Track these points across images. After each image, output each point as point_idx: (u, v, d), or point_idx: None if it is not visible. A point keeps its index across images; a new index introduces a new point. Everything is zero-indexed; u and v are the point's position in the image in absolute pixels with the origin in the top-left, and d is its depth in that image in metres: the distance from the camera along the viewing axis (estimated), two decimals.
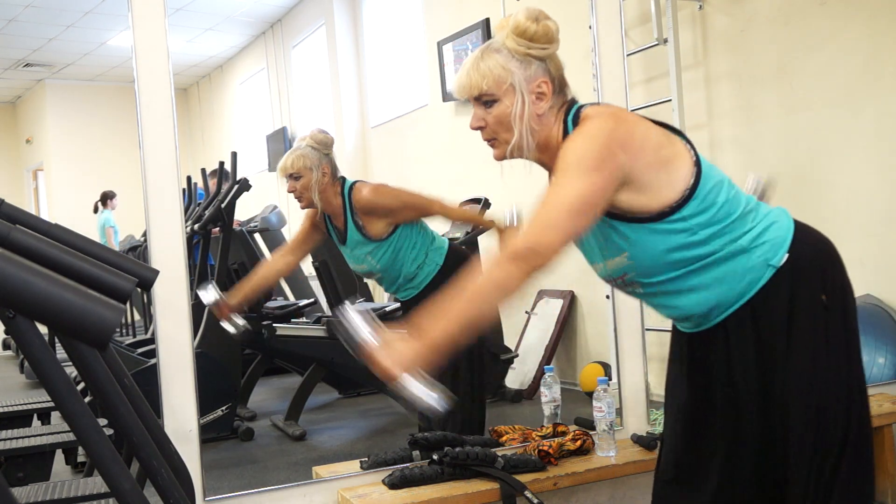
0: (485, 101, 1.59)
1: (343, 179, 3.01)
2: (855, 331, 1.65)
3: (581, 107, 1.62)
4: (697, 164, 1.58)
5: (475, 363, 3.02)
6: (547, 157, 1.62)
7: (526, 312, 5.03)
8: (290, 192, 3.03)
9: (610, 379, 3.11)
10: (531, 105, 1.57)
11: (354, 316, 1.51)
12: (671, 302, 1.66)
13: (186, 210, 4.92)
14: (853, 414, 1.60)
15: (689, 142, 1.62)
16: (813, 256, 1.62)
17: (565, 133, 1.59)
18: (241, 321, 2.96)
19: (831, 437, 1.58)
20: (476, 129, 1.63)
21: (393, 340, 1.48)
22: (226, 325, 2.95)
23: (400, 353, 1.46)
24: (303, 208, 3.06)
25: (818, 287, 1.60)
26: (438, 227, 3.20)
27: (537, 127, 1.59)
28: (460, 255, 3.15)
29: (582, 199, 1.48)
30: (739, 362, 1.64)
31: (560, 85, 1.62)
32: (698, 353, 1.71)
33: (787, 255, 1.59)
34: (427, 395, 1.45)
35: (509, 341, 4.81)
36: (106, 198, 8.57)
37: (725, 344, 1.65)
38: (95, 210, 8.62)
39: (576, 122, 1.58)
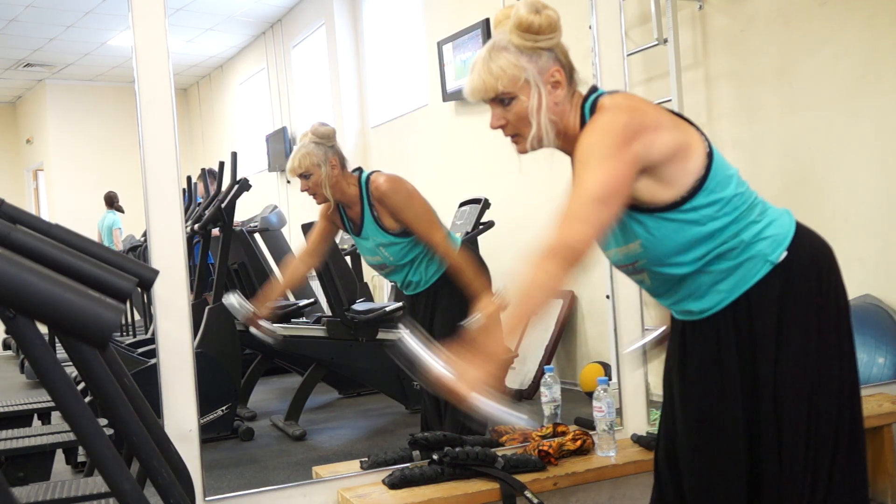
0: (501, 99, 1.60)
1: (360, 170, 3.00)
2: (848, 334, 1.66)
3: (599, 95, 1.63)
4: (710, 155, 1.60)
5: None
6: (566, 144, 1.64)
7: None
8: (303, 191, 3.02)
9: (610, 379, 3.11)
10: (548, 96, 1.58)
11: (414, 342, 1.51)
12: (674, 292, 1.68)
13: (186, 210, 4.92)
14: (844, 415, 1.63)
15: (702, 133, 1.64)
16: (811, 257, 1.64)
17: (582, 121, 1.61)
18: (274, 328, 2.99)
19: (823, 435, 1.61)
20: (497, 128, 1.64)
21: (457, 363, 1.46)
22: (261, 335, 2.96)
23: (468, 375, 1.43)
24: (319, 203, 3.04)
25: (813, 288, 1.63)
26: (444, 222, 3.18)
27: (556, 116, 1.60)
28: (473, 252, 3.16)
29: (605, 187, 1.49)
30: (729, 354, 1.66)
31: (570, 70, 1.64)
32: (691, 343, 1.74)
33: (785, 254, 1.61)
34: (503, 411, 1.43)
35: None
36: (112, 200, 8.54)
37: (717, 335, 1.67)
38: (110, 205, 8.55)
39: (593, 111, 1.60)
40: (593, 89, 1.66)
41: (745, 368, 1.66)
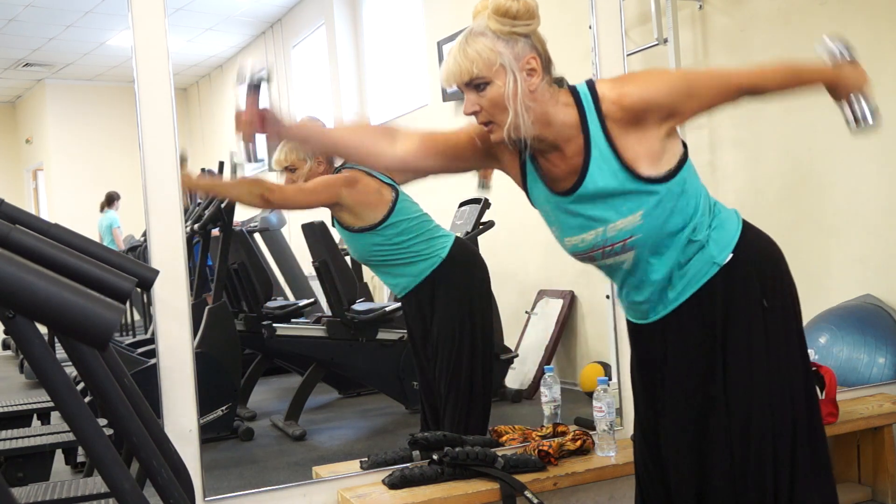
0: (476, 84, 1.59)
1: (343, 164, 3.01)
2: (798, 334, 1.72)
3: (590, 81, 1.66)
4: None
5: (484, 364, 3.01)
6: (550, 132, 1.63)
7: (526, 312, 5.03)
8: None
9: (610, 379, 3.11)
10: (523, 82, 1.58)
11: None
12: (645, 276, 1.71)
13: (186, 210, 4.91)
14: (799, 413, 1.67)
15: None
16: (756, 258, 1.69)
17: (578, 103, 1.63)
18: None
19: (779, 434, 1.65)
20: (471, 114, 1.63)
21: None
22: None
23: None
24: None
25: (757, 288, 1.67)
26: (444, 222, 3.18)
27: (532, 103, 1.59)
28: (467, 249, 3.13)
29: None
30: (677, 354, 1.72)
31: (547, 60, 1.64)
32: (644, 344, 1.80)
33: (731, 255, 1.66)
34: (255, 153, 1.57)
35: (509, 341, 4.81)
36: (112, 199, 8.55)
37: (665, 336, 1.73)
38: (102, 209, 8.57)
39: (593, 93, 1.63)
40: (560, 80, 1.68)
41: (694, 367, 1.70)
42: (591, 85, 1.65)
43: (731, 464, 1.67)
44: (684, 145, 1.69)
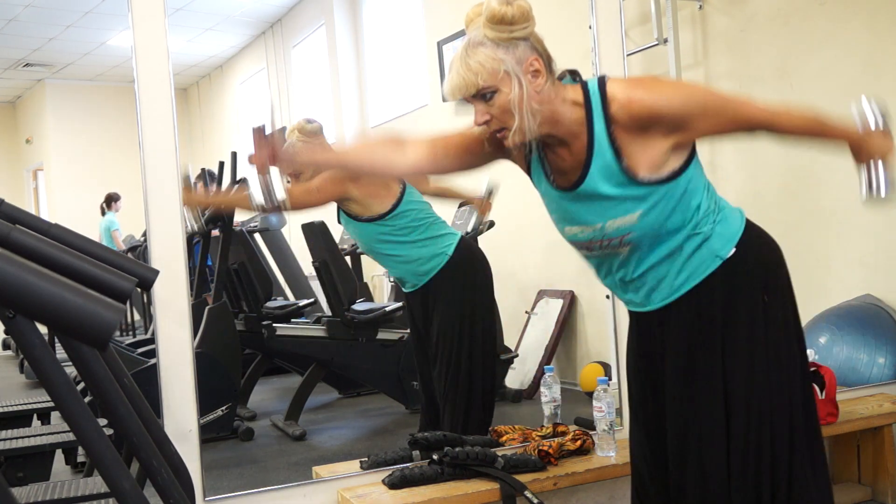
0: (483, 94, 1.59)
1: None
2: (796, 332, 1.73)
3: (602, 79, 1.64)
4: None
5: (485, 364, 3.01)
6: (559, 129, 1.63)
7: (526, 312, 5.03)
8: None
9: (610, 379, 3.11)
10: (529, 85, 1.58)
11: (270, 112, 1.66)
12: (639, 266, 1.71)
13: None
14: (797, 411, 1.67)
15: None
16: (757, 256, 1.70)
17: (587, 101, 1.61)
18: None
19: (778, 430, 1.65)
20: (482, 124, 1.62)
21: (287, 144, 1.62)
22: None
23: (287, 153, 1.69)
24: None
25: (758, 285, 1.68)
26: (447, 218, 3.19)
27: (539, 105, 1.59)
28: (472, 248, 3.14)
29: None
30: (674, 346, 1.71)
31: (548, 58, 1.64)
32: (643, 335, 1.79)
33: (733, 250, 1.66)
34: (274, 193, 1.63)
35: (509, 341, 4.81)
36: (111, 200, 8.53)
37: (664, 327, 1.73)
38: (103, 213, 8.57)
39: (603, 93, 1.61)
40: (574, 74, 1.67)
41: (693, 360, 1.70)
42: (601, 83, 1.62)
43: (728, 462, 1.66)
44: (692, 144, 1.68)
